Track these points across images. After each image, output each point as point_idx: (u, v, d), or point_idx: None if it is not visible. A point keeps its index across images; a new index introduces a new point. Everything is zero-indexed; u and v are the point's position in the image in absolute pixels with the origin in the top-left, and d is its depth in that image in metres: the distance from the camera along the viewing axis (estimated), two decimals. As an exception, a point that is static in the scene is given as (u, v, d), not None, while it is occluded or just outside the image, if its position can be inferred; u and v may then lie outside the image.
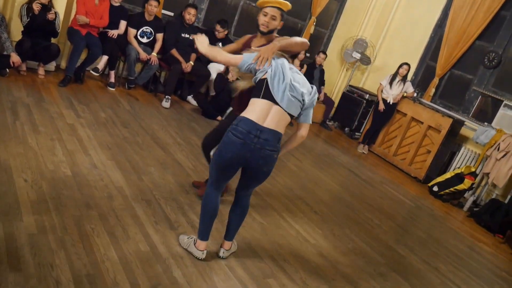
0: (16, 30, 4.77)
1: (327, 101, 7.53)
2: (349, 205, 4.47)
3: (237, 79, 2.87)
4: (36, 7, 4.54)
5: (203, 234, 2.64)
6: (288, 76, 2.49)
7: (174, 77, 5.59)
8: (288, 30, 7.35)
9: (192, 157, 4.24)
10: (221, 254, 2.74)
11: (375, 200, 4.89)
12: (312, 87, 2.64)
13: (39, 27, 4.65)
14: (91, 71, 5.10)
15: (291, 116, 2.53)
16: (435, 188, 5.83)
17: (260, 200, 3.81)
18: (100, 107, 4.64)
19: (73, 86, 4.97)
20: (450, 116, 6.14)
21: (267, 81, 2.46)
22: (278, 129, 2.45)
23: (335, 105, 7.84)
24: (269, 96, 2.44)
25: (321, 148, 6.32)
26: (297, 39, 2.76)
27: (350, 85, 7.77)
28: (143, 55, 5.46)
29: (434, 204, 5.56)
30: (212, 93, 6.15)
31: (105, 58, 5.18)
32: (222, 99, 5.74)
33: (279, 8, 2.81)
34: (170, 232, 2.84)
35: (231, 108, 3.70)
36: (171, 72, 5.58)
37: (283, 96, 2.44)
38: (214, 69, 6.02)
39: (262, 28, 2.84)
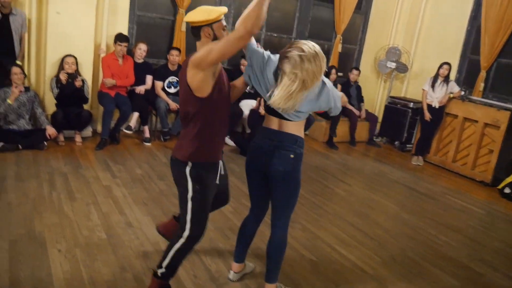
0: (50, 104, 4.96)
1: (369, 117, 7.17)
2: (409, 224, 4.06)
3: None
4: (63, 77, 4.70)
5: (234, 255, 2.71)
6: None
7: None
8: (315, 53, 7.19)
9: (231, 199, 4.06)
10: None
11: (438, 214, 4.43)
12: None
13: (69, 96, 4.80)
14: (124, 130, 5.15)
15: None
16: (507, 190, 5.24)
17: (307, 233, 3.53)
18: (136, 164, 4.63)
19: (109, 148, 5.03)
20: (506, 109, 5.59)
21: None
22: (294, 131, 2.32)
23: (379, 120, 7.46)
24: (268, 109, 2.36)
25: (371, 167, 5.94)
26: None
27: (391, 97, 7.38)
28: (173, 105, 5.47)
29: (508, 207, 4.97)
30: (248, 130, 6.03)
31: (136, 115, 5.24)
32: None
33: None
34: (211, 284, 2.63)
35: None
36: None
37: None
38: (246, 106, 5.93)
39: None
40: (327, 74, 6.73)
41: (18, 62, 4.74)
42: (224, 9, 2.18)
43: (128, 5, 5.45)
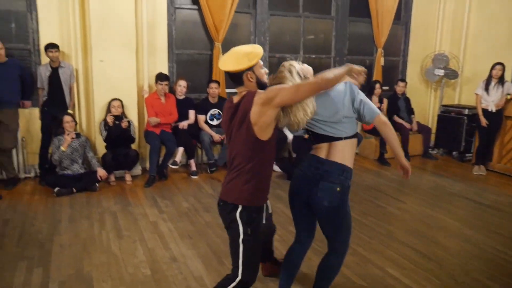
0: (101, 146, 5.20)
1: (422, 129, 6.82)
2: (473, 241, 3.73)
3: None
4: (109, 119, 4.93)
5: (279, 285, 2.60)
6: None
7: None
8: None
9: (278, 226, 3.95)
10: None
11: (505, 227, 4.04)
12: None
13: (117, 137, 5.01)
14: (170, 165, 5.27)
15: (350, 136, 2.27)
16: None
17: (357, 257, 3.34)
18: (183, 198, 4.69)
19: (158, 184, 5.15)
20: None
21: None
22: (343, 161, 2.24)
23: (433, 131, 7.08)
24: None
25: (428, 181, 5.59)
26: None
27: (443, 105, 7.00)
28: (216, 136, 5.54)
29: None
30: (294, 155, 5.95)
31: (180, 149, 5.36)
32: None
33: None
34: (254, 318, 2.53)
35: None
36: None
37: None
38: (289, 133, 5.87)
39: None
40: (371, 89, 6.54)
41: (69, 111, 5.05)
42: (259, 49, 2.14)
43: (166, 45, 5.67)
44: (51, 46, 4.84)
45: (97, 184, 4.82)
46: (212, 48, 5.95)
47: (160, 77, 5.31)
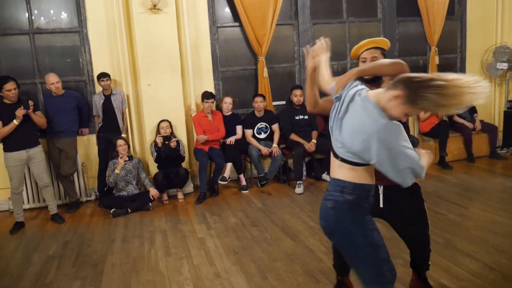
0: (153, 167, 5.38)
1: (487, 128, 6.32)
2: (544, 248, 3.34)
3: None
4: (158, 140, 5.11)
5: None
6: (343, 111, 1.92)
7: (299, 161, 5.45)
8: (410, 70, 6.70)
9: (325, 238, 3.79)
10: None
11: None
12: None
13: (167, 157, 5.16)
14: (219, 181, 5.32)
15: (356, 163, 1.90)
16: None
17: (408, 268, 3.11)
18: (231, 213, 4.70)
19: (208, 201, 5.21)
20: None
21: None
22: (341, 176, 1.95)
23: (500, 129, 6.53)
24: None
25: (495, 184, 5.14)
26: (385, 60, 2.17)
27: (510, 101, 6.45)
28: (264, 150, 5.53)
29: None
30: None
31: (229, 165, 5.40)
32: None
33: (377, 48, 2.43)
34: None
35: None
36: (295, 157, 5.47)
37: (332, 136, 2.00)
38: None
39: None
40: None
41: (123, 135, 5.30)
42: None
43: (210, 64, 5.80)
44: (103, 76, 5.14)
45: (150, 204, 4.98)
46: (256, 62, 5.98)
47: (205, 95, 5.43)
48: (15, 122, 4.33)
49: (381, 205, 2.48)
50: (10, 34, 5.22)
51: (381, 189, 2.47)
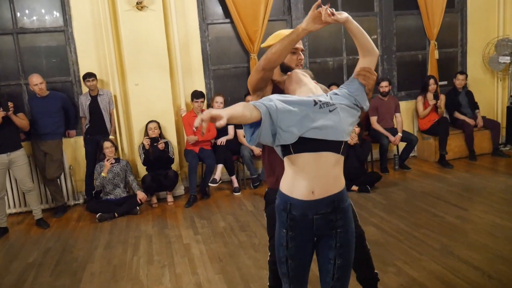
0: (143, 169, 5.22)
1: (489, 124, 6.10)
2: (547, 253, 3.14)
3: None
4: (145, 142, 4.95)
5: None
6: None
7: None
8: (409, 66, 6.51)
9: (316, 244, 3.65)
10: None
11: None
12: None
13: (156, 159, 5.00)
14: (210, 184, 5.14)
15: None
16: None
17: (402, 277, 2.93)
18: (221, 217, 4.53)
19: (199, 203, 5.04)
20: None
21: None
22: None
23: (503, 125, 6.30)
24: None
25: (497, 183, 4.92)
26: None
27: (513, 96, 6.22)
28: (257, 150, 5.35)
29: None
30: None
31: (219, 166, 5.22)
32: (351, 166, 5.09)
33: None
34: None
35: None
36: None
37: None
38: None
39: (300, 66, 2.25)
40: (425, 86, 5.99)
41: (111, 137, 5.14)
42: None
43: (201, 62, 5.63)
44: (88, 76, 4.99)
45: (137, 208, 4.82)
46: (248, 60, 5.80)
47: (195, 95, 5.25)
48: (-5, 124, 4.19)
49: None
50: (-7, 34, 5.09)
51: None
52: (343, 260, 1.82)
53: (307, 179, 1.74)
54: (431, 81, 5.95)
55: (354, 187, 4.99)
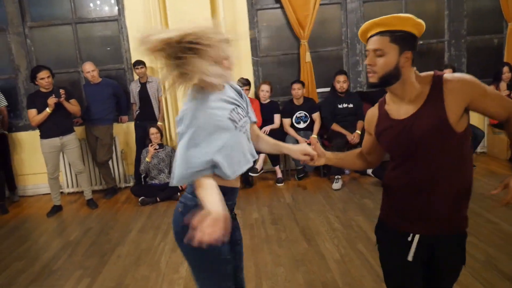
0: (188, 156, 5.28)
1: None
2: None
3: None
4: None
5: None
6: None
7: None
8: (481, 52, 5.82)
9: (345, 243, 3.42)
10: None
11: None
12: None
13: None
14: (250, 173, 5.07)
15: None
16: None
17: None
18: (256, 208, 4.44)
19: (240, 193, 4.90)
20: None
21: None
22: None
23: None
24: None
25: None
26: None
27: None
28: (302, 140, 5.15)
29: None
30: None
31: (262, 156, 5.11)
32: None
33: (385, 33, 1.55)
34: None
35: None
36: (334, 149, 5.01)
37: None
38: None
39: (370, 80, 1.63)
40: (498, 74, 5.32)
41: (159, 123, 5.27)
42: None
43: (249, 49, 5.52)
44: (138, 63, 5.13)
45: (178, 193, 4.90)
46: (298, 46, 5.58)
47: (241, 82, 5.17)
48: (48, 110, 4.47)
49: (409, 258, 1.66)
50: (55, 24, 5.43)
51: (415, 238, 1.66)
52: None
53: None
54: (505, 68, 5.27)
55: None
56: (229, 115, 1.66)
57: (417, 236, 1.63)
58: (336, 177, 4.90)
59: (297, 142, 5.21)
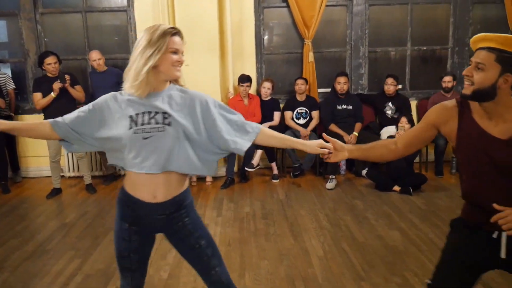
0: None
1: None
2: None
3: None
4: None
5: None
6: None
7: (335, 154, 5.07)
8: None
9: (330, 241, 3.51)
10: None
11: None
12: None
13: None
14: (246, 168, 5.16)
15: None
16: None
17: (400, 292, 2.70)
18: (249, 202, 4.54)
19: (235, 187, 5.10)
20: None
21: None
22: None
23: None
24: None
25: None
26: None
27: None
28: (303, 130, 5.25)
29: None
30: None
31: (259, 152, 5.21)
32: (396, 165, 4.77)
33: (493, 50, 1.53)
34: None
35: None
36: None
37: None
38: (385, 134, 5.19)
39: (464, 90, 1.62)
40: None
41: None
42: None
43: (254, 46, 5.61)
44: (143, 54, 5.24)
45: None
46: (302, 46, 5.65)
47: (241, 78, 5.27)
48: (52, 94, 4.60)
49: (502, 256, 1.64)
50: (65, 12, 5.56)
51: (503, 236, 1.62)
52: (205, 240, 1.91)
53: None
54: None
55: (396, 188, 4.68)
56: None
57: (504, 234, 1.56)
58: (330, 176, 4.98)
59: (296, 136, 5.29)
